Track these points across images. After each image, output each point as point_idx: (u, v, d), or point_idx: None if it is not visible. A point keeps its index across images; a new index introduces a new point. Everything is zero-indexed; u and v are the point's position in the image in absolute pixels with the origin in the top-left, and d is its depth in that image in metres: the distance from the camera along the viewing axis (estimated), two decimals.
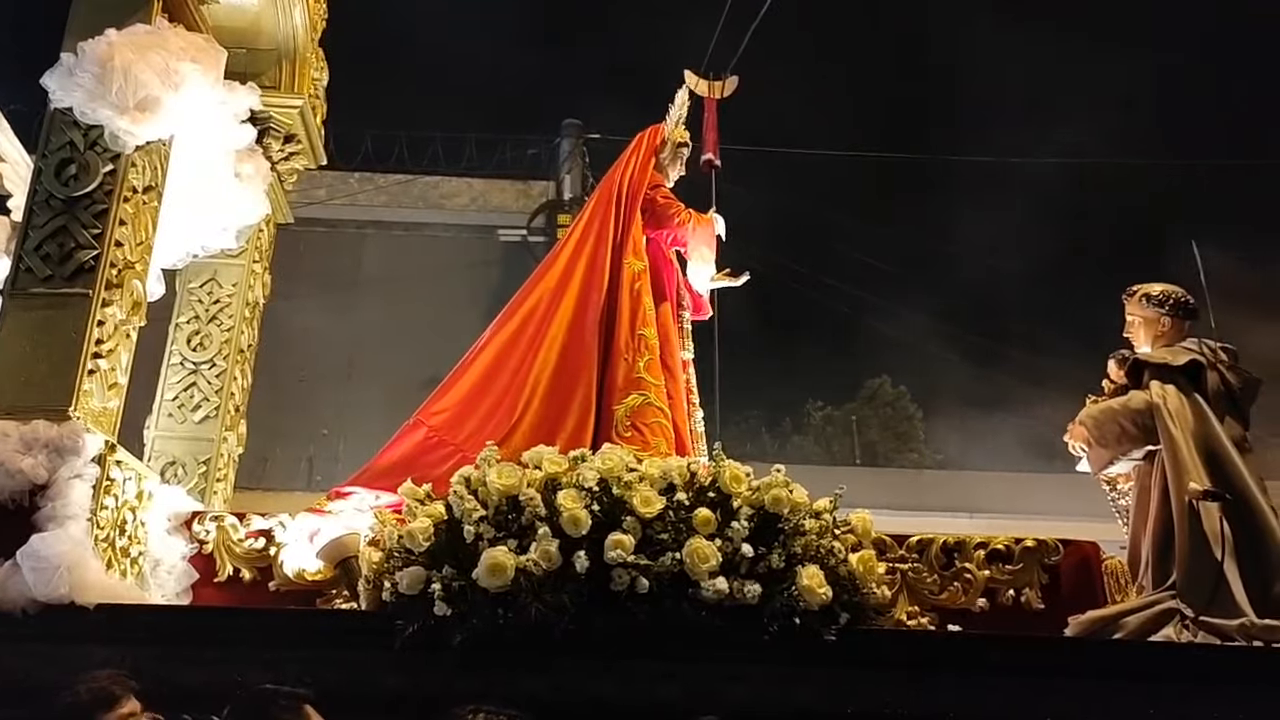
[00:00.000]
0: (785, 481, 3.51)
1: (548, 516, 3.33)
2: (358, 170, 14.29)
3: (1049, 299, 14.01)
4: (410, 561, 3.36)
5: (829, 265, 14.34)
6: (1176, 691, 3.35)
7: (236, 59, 4.81)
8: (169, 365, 4.92)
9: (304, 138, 5.28)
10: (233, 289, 5.05)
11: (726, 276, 5.07)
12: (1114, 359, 4.44)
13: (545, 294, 4.68)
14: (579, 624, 3.21)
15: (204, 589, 3.99)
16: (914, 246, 15.97)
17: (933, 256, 15.90)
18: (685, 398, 4.73)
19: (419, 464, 4.20)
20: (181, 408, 4.85)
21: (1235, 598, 3.66)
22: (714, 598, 3.25)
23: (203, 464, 4.76)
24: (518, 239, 13.93)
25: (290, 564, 3.94)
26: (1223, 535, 3.72)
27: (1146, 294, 4.29)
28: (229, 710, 2.56)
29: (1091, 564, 4.11)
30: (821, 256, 14.49)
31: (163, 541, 3.99)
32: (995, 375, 14.08)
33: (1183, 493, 3.83)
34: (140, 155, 4.02)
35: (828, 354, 15.25)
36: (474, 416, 4.41)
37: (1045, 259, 14.31)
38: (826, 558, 3.43)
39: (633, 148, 5.05)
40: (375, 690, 3.21)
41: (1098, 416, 4.17)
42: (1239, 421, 4.05)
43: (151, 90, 3.88)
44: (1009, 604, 3.97)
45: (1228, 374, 4.06)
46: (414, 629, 3.22)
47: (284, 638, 3.37)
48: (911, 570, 4.00)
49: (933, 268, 15.66)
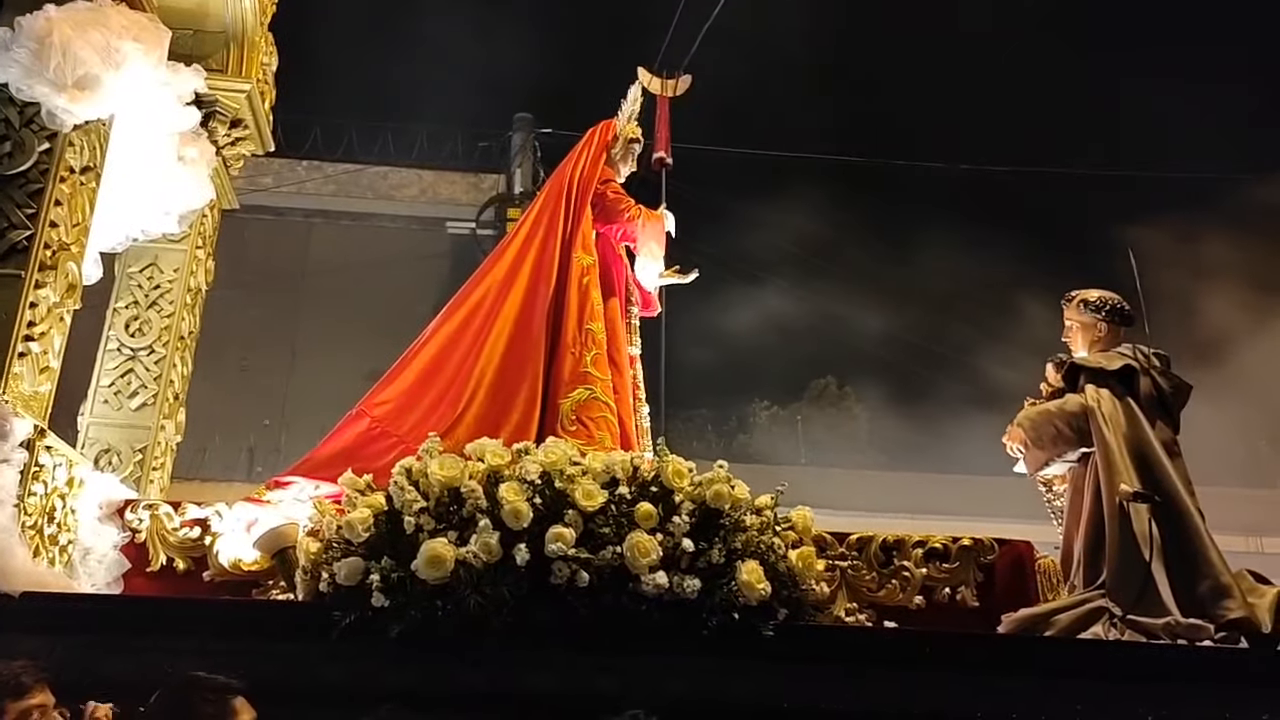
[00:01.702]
0: (727, 477, 3.53)
1: (489, 509, 3.32)
2: (306, 158, 14.10)
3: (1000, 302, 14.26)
4: (349, 552, 3.33)
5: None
6: (1104, 687, 3.43)
7: (182, 40, 4.71)
8: (106, 351, 4.81)
9: (251, 123, 5.19)
10: (174, 275, 4.94)
11: (675, 273, 5.08)
12: (1051, 363, 4.55)
13: (493, 286, 4.65)
14: (518, 616, 3.21)
15: (136, 578, 3.91)
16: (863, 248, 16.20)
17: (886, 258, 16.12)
18: (631, 393, 4.73)
19: (361, 455, 4.15)
20: (118, 394, 4.74)
21: (1162, 597, 3.77)
22: (654, 592, 3.26)
23: (139, 452, 4.65)
24: (467, 232, 13.85)
25: (226, 554, 3.87)
26: (1151, 536, 3.82)
27: (1084, 300, 4.40)
28: (154, 698, 2.51)
29: (1025, 563, 4.19)
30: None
31: (93, 529, 3.90)
32: (939, 378, 14.33)
33: (1114, 494, 3.93)
34: (78, 135, 3.92)
35: (774, 353, 15.37)
36: (418, 408, 4.37)
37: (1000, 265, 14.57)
38: (767, 554, 3.46)
39: (584, 142, 5.04)
40: (311, 682, 3.17)
41: (1035, 419, 4.27)
42: (1169, 426, 4.16)
43: (91, 68, 3.79)
44: (945, 601, 4.05)
45: (1160, 379, 4.17)
46: (351, 620, 3.18)
47: (218, 628, 3.31)
48: (851, 568, 4.05)
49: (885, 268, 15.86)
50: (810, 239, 15.77)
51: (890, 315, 15.17)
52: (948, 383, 14.03)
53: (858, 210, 16.63)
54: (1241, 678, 3.57)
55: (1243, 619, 3.72)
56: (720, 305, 14.03)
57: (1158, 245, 11.23)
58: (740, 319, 14.53)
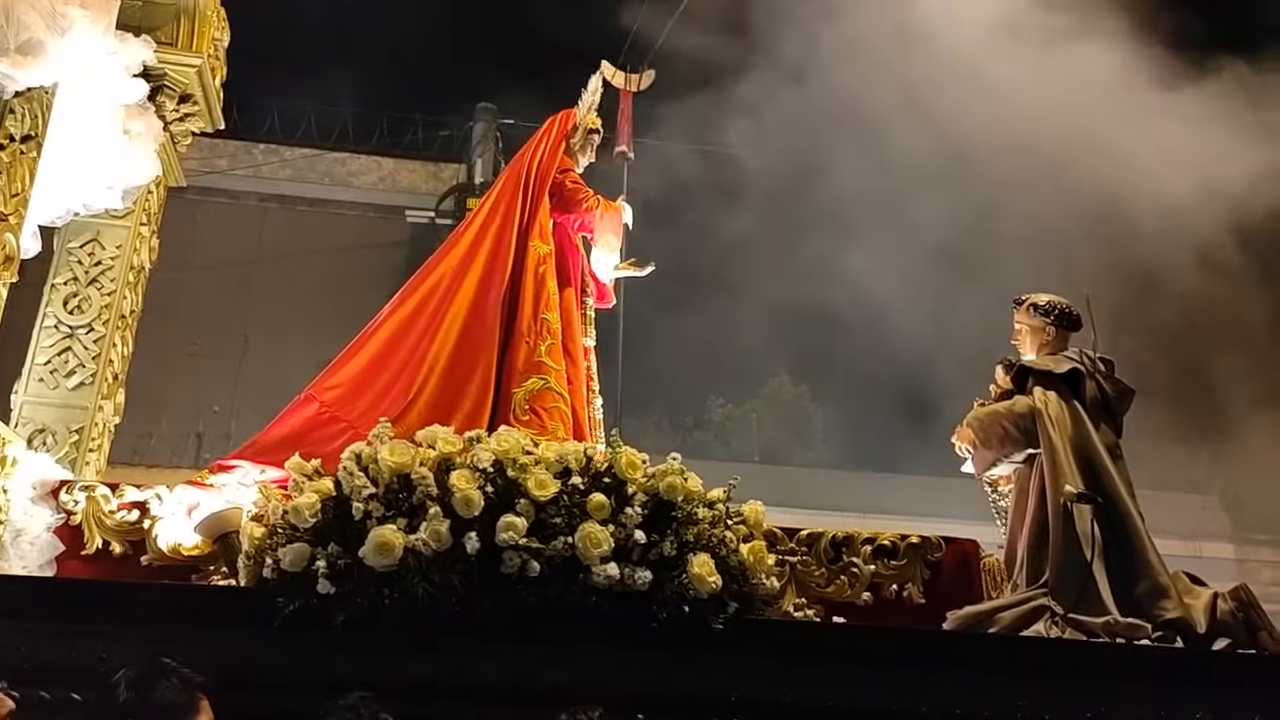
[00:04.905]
0: (680, 470, 3.53)
1: (439, 496, 3.28)
2: (263, 141, 13.84)
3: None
4: (295, 538, 3.27)
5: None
6: (1045, 684, 3.50)
7: (131, 10, 4.56)
8: (42, 328, 4.65)
9: (201, 99, 5.06)
10: (116, 251, 4.80)
11: (631, 266, 5.06)
12: (1001, 365, 4.60)
13: (447, 273, 4.60)
14: (466, 606, 3.18)
15: (70, 561, 3.79)
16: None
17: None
18: (585, 384, 4.71)
19: (309, 439, 4.07)
20: (54, 373, 4.59)
21: (1102, 597, 3.84)
22: (604, 583, 3.25)
23: (75, 433, 4.51)
24: (425, 220, 13.69)
25: (165, 538, 3.77)
26: (1093, 537, 3.90)
27: (1034, 304, 4.46)
28: (119, 676, 2.44)
29: (971, 561, 4.24)
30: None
31: (26, 510, 3.78)
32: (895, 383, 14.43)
33: (1059, 495, 3.99)
34: (20, 102, 3.79)
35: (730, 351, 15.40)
36: (368, 393, 4.30)
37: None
38: (718, 547, 3.46)
39: (543, 131, 5.00)
40: (253, 670, 3.10)
41: (983, 419, 4.32)
42: (1113, 429, 4.24)
43: (35, 33, 3.66)
44: (892, 598, 4.07)
45: (1104, 383, 4.25)
46: (295, 607, 3.14)
47: (156, 613, 3.24)
48: (800, 563, 4.06)
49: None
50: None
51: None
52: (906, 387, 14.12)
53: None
54: (1177, 676, 3.65)
55: (1179, 619, 3.80)
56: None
57: None
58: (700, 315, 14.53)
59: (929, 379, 11.83)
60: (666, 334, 13.08)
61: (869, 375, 14.01)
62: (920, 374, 12.29)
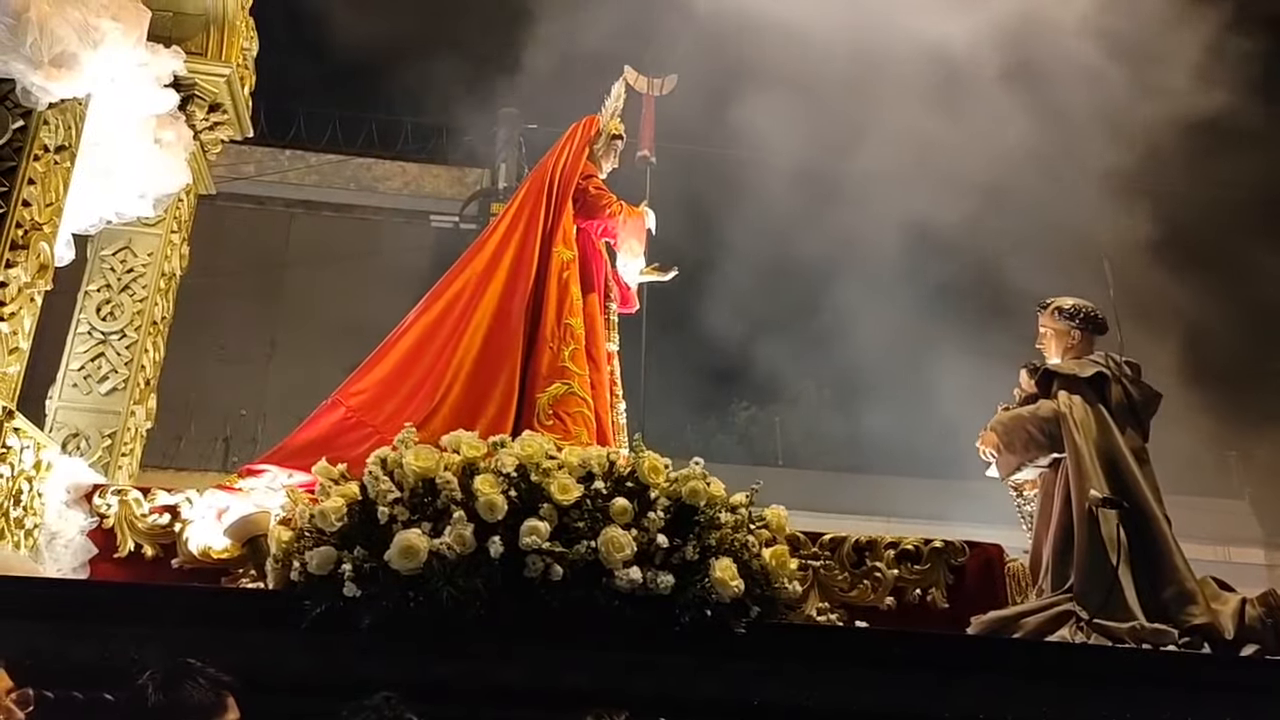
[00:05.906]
0: (703, 474, 3.53)
1: (463, 500, 3.30)
2: (289, 147, 13.98)
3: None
4: (321, 541, 3.30)
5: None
6: (1070, 690, 3.48)
7: (162, 21, 4.64)
8: (76, 334, 4.74)
9: (230, 108, 5.14)
10: (148, 259, 4.88)
11: (655, 271, 5.09)
12: (1025, 369, 4.58)
13: (472, 278, 4.64)
14: (490, 609, 3.20)
15: (102, 564, 3.86)
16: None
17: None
18: (609, 389, 4.73)
19: (335, 444, 4.12)
20: (88, 378, 4.68)
21: (1128, 602, 3.82)
22: (627, 587, 3.26)
23: (108, 437, 4.59)
24: (450, 225, 13.77)
25: (195, 541, 3.83)
26: (1119, 542, 3.87)
27: (1059, 307, 4.44)
28: (146, 675, 2.47)
29: (995, 566, 4.23)
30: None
31: (60, 514, 3.86)
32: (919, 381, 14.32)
33: (1084, 499, 3.97)
34: (54, 113, 3.87)
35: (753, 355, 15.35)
36: (394, 398, 4.35)
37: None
38: (740, 551, 3.46)
39: (567, 137, 5.03)
40: (280, 671, 3.14)
41: (1007, 423, 4.31)
42: (1139, 433, 4.22)
43: (68, 46, 3.74)
44: (916, 602, 4.07)
45: (1130, 388, 4.23)
46: (322, 610, 3.17)
47: (186, 615, 3.29)
48: (823, 567, 4.07)
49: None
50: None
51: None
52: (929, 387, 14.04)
53: None
54: (1204, 682, 3.62)
55: (1206, 625, 3.77)
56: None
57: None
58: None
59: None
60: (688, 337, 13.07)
61: (889, 379, 13.93)
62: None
